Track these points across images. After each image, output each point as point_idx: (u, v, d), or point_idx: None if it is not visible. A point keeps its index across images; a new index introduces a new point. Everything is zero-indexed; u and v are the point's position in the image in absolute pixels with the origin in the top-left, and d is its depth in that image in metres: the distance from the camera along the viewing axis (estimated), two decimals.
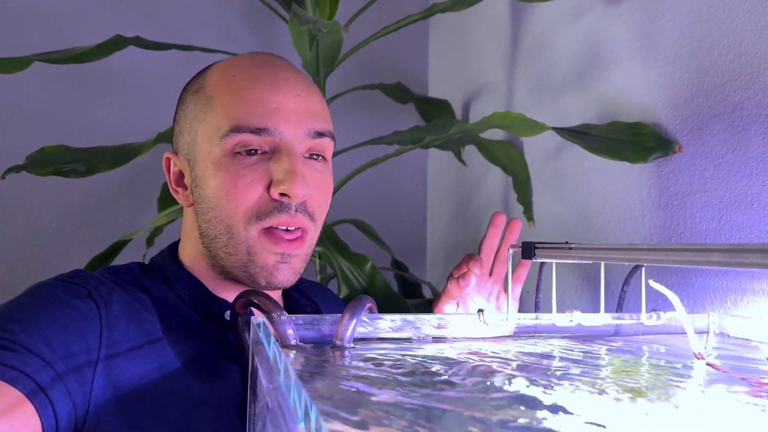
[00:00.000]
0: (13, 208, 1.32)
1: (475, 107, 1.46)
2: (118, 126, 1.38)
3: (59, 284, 0.61)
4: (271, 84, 0.66)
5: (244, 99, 0.65)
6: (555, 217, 1.13)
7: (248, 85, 0.65)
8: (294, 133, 0.65)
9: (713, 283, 0.79)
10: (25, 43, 1.27)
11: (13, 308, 0.57)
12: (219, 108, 0.65)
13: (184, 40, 1.22)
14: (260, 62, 0.68)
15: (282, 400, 0.30)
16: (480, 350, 0.58)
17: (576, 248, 0.56)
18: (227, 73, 0.67)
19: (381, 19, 1.29)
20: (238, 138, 0.64)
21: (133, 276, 0.67)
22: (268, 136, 0.64)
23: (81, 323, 0.57)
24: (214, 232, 0.66)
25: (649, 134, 0.89)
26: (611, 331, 0.68)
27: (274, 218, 0.64)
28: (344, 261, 1.01)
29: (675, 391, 0.46)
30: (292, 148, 0.65)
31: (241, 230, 0.64)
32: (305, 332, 0.57)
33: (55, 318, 0.56)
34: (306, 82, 0.69)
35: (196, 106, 0.67)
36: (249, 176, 0.64)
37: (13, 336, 0.53)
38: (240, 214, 0.64)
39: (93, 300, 0.60)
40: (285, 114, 0.65)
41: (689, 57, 0.84)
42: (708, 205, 0.81)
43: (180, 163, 0.70)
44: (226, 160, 0.64)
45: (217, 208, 0.65)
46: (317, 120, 0.67)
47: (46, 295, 0.59)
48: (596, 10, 1.03)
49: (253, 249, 0.65)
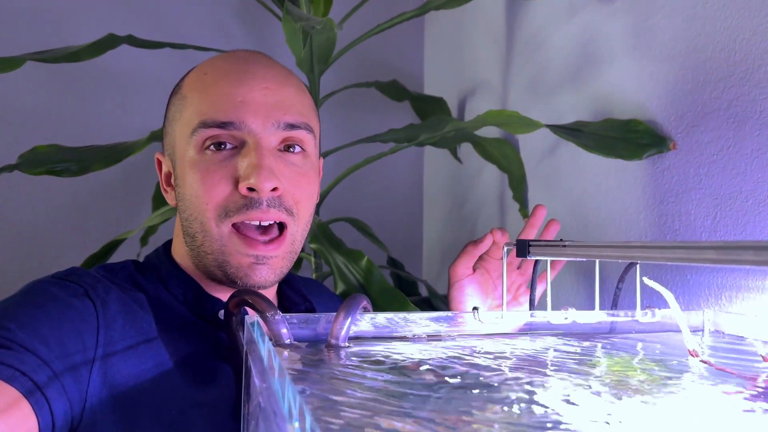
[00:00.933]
0: (6, 207, 1.31)
1: (470, 105, 1.45)
2: (111, 125, 1.38)
3: (56, 282, 0.61)
4: (239, 78, 0.65)
5: (211, 94, 0.65)
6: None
7: (216, 81, 0.65)
8: (262, 126, 0.64)
9: (708, 280, 0.79)
10: (17, 42, 1.27)
11: (10, 306, 0.57)
12: (189, 106, 0.66)
13: (177, 38, 1.21)
14: (233, 59, 0.68)
15: (274, 400, 0.30)
16: (475, 348, 0.57)
17: (570, 246, 0.56)
18: (200, 71, 0.68)
19: (375, 16, 1.28)
20: (205, 133, 0.64)
21: (129, 274, 0.67)
22: (235, 129, 0.64)
23: (78, 322, 0.57)
24: (192, 230, 0.66)
25: (643, 131, 0.89)
26: (606, 329, 0.68)
27: (243, 214, 0.63)
28: (340, 257, 1.01)
29: (670, 388, 0.46)
30: (259, 142, 0.64)
31: (213, 227, 0.64)
32: (299, 331, 0.57)
33: (51, 316, 0.56)
34: (280, 75, 0.68)
35: (174, 107, 0.68)
36: (218, 173, 0.64)
37: (10, 334, 0.53)
38: (210, 211, 0.64)
39: (90, 298, 0.59)
40: (252, 107, 0.64)
41: (684, 54, 0.84)
42: (703, 202, 0.81)
43: (166, 163, 0.71)
44: (198, 157, 0.64)
45: (191, 207, 0.65)
46: (288, 112, 0.66)
47: (42, 293, 0.58)
48: (591, 7, 1.03)
49: (226, 249, 0.64)
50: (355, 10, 1.19)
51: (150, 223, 1.12)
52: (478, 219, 1.39)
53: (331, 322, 0.56)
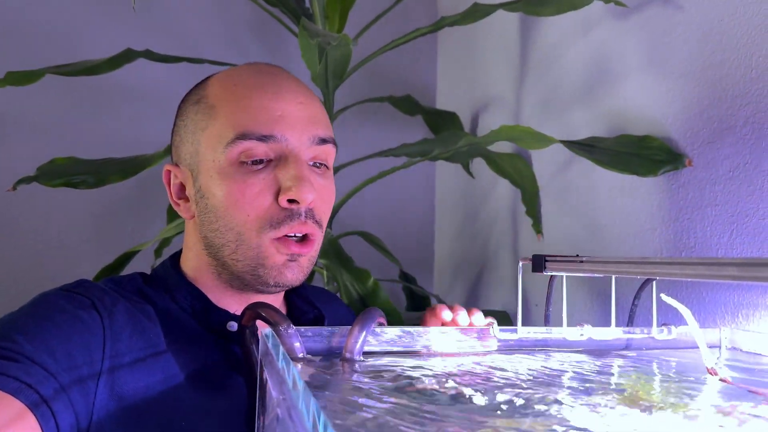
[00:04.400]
0: (21, 218, 1.33)
1: (483, 120, 1.46)
2: (127, 138, 1.39)
3: (63, 294, 0.61)
4: (274, 92, 0.66)
5: (248, 107, 0.65)
6: (563, 231, 1.13)
7: (251, 93, 0.66)
8: (299, 140, 0.65)
9: (724, 298, 0.78)
10: (36, 56, 1.29)
11: (17, 318, 0.57)
12: (222, 116, 0.65)
13: (192, 53, 1.23)
14: (260, 71, 0.69)
15: (295, 413, 0.30)
16: (490, 364, 0.57)
17: (587, 261, 0.56)
18: (228, 82, 0.68)
19: (390, 32, 1.29)
20: (244, 145, 0.63)
21: (137, 286, 0.67)
22: (274, 143, 0.64)
23: (85, 334, 0.57)
24: (221, 241, 0.66)
25: (658, 147, 0.88)
26: (622, 346, 0.68)
27: (287, 226, 0.64)
28: (347, 275, 1.01)
29: (689, 405, 0.46)
30: (298, 155, 0.65)
31: (254, 238, 0.64)
32: (312, 344, 0.57)
33: (59, 328, 0.56)
34: (306, 89, 0.69)
35: (197, 116, 0.67)
36: (257, 185, 0.64)
37: (17, 346, 0.53)
38: (251, 222, 0.64)
39: (97, 310, 0.59)
40: (290, 121, 0.65)
41: (700, 71, 0.84)
42: (719, 219, 0.80)
43: (181, 174, 0.69)
44: (232, 169, 0.64)
45: (226, 218, 0.65)
46: (320, 126, 0.67)
47: (50, 306, 0.59)
48: (605, 24, 1.04)
49: (263, 253, 0.65)
50: (369, 26, 1.20)
51: (164, 235, 1.12)
52: (490, 234, 1.39)
53: (345, 336, 0.56)
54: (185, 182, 0.69)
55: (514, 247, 1.29)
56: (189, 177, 0.68)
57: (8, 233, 1.32)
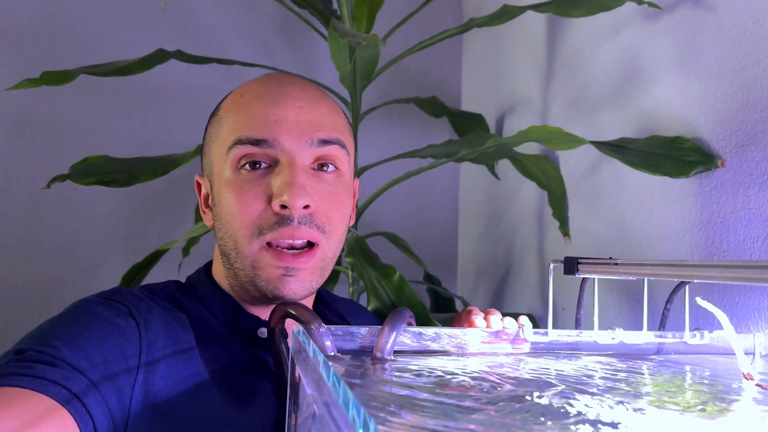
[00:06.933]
0: (51, 216, 1.35)
1: (508, 121, 1.45)
2: (158, 138, 1.41)
3: (101, 301, 0.62)
4: (272, 99, 0.67)
5: (246, 114, 0.66)
6: (591, 234, 1.12)
7: (251, 101, 0.67)
8: (295, 144, 0.65)
9: (759, 303, 0.77)
10: (70, 57, 1.31)
11: (57, 325, 0.58)
12: (225, 125, 0.67)
13: (222, 54, 1.24)
14: (268, 81, 0.70)
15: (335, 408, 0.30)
16: (519, 366, 0.57)
17: (622, 264, 0.55)
18: (237, 94, 0.70)
19: (416, 33, 1.30)
20: (240, 150, 0.65)
21: (170, 294, 0.68)
22: (268, 148, 0.65)
23: (121, 340, 0.58)
24: (226, 249, 0.67)
25: (690, 148, 0.87)
26: (653, 350, 0.67)
27: (276, 231, 0.64)
28: (373, 272, 1.01)
29: (725, 412, 0.45)
30: (293, 160, 0.65)
31: (245, 245, 0.65)
32: (343, 343, 0.57)
33: (96, 335, 0.57)
34: (314, 95, 0.69)
35: (212, 128, 0.70)
36: (252, 191, 0.65)
37: (57, 351, 0.54)
38: (244, 229, 0.65)
39: (133, 317, 0.61)
40: (285, 126, 0.65)
41: (733, 72, 0.83)
42: (752, 223, 0.79)
43: (205, 185, 0.72)
44: (233, 176, 0.65)
45: (227, 226, 0.66)
46: (322, 129, 0.67)
47: (88, 313, 0.60)
48: (636, 25, 1.03)
49: (257, 264, 0.65)
50: (397, 27, 1.20)
51: (192, 234, 1.14)
52: (515, 236, 1.38)
53: (374, 335, 0.56)
54: (208, 192, 0.71)
55: (540, 250, 1.29)
56: (209, 187, 0.71)
57: (41, 230, 1.34)
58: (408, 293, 0.99)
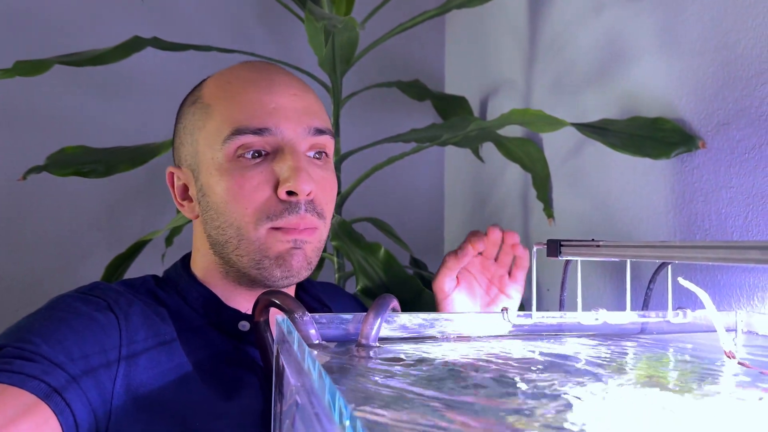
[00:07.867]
0: (33, 208, 1.33)
1: (492, 104, 1.45)
2: (135, 127, 1.39)
3: (79, 297, 0.62)
4: (267, 85, 0.66)
5: (242, 102, 0.65)
6: (575, 215, 1.12)
7: (244, 89, 0.66)
8: (295, 132, 0.65)
9: (740, 280, 0.77)
10: (45, 46, 1.28)
11: (35, 321, 0.58)
12: (217, 114, 0.66)
13: (200, 41, 1.22)
14: (253, 68, 0.69)
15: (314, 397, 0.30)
16: (504, 349, 0.57)
17: (604, 245, 0.55)
18: (222, 80, 0.68)
19: (397, 16, 1.28)
20: (240, 140, 0.64)
21: (149, 289, 0.68)
22: (270, 136, 0.64)
23: (100, 334, 0.58)
24: (224, 238, 0.66)
25: (671, 129, 0.87)
26: (637, 330, 0.67)
27: (284, 219, 0.64)
28: (359, 252, 1.01)
29: (708, 390, 0.45)
30: (294, 147, 0.65)
31: (252, 231, 0.64)
32: (327, 331, 0.57)
33: (75, 330, 0.57)
34: (300, 82, 0.70)
35: (195, 116, 0.68)
36: (255, 178, 0.64)
37: (35, 347, 0.54)
38: (249, 216, 0.64)
39: (113, 312, 0.60)
40: (284, 113, 0.65)
41: (714, 51, 0.83)
42: (734, 202, 0.79)
43: (183, 176, 0.70)
44: (230, 164, 0.64)
45: (226, 213, 0.65)
46: (316, 117, 0.67)
47: (66, 308, 0.60)
48: (617, 4, 1.02)
49: (265, 245, 0.64)
50: (376, 10, 1.19)
51: (175, 224, 1.12)
52: (501, 219, 1.38)
53: (359, 322, 0.56)
54: (188, 183, 0.69)
55: (525, 232, 1.29)
56: (191, 177, 0.69)
57: (20, 223, 1.32)
58: (396, 269, 0.99)
